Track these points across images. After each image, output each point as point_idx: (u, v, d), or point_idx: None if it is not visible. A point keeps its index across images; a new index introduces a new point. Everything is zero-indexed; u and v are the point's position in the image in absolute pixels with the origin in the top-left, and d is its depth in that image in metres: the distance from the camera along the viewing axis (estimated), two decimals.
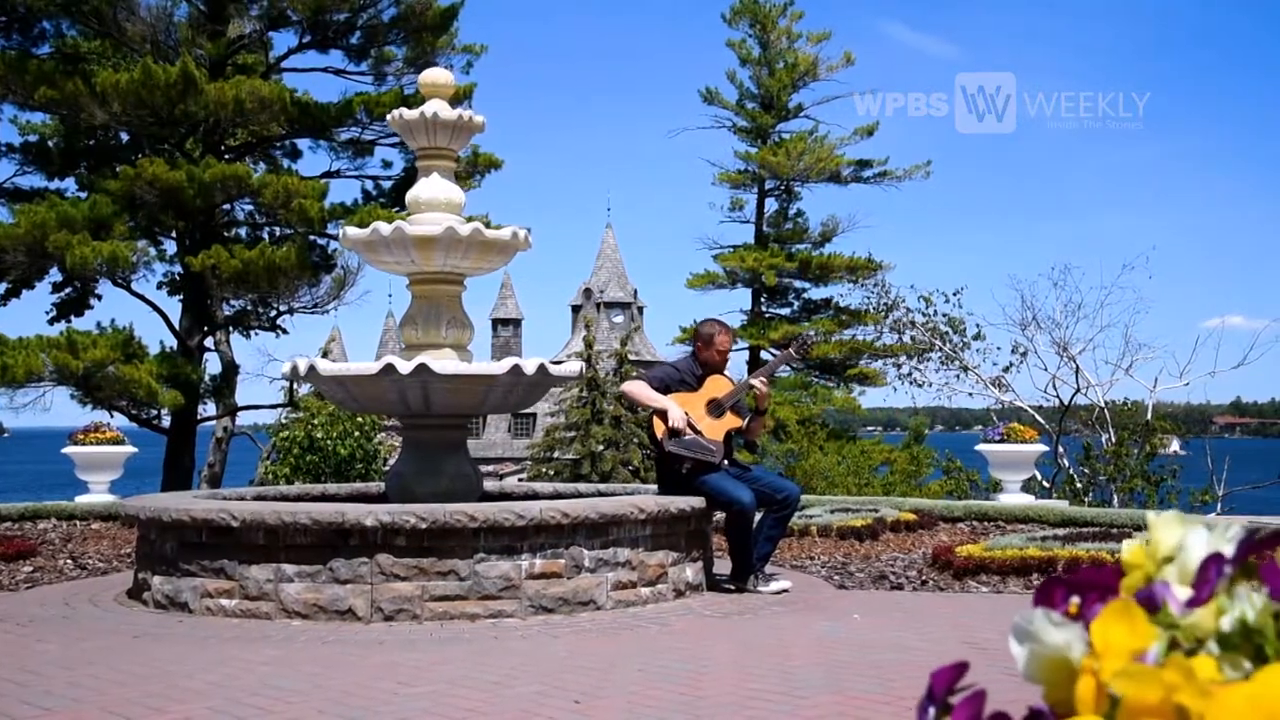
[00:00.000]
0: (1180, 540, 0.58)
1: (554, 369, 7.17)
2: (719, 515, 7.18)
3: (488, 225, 7.77)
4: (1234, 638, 0.55)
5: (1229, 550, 0.55)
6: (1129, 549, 0.62)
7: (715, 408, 6.91)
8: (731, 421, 6.94)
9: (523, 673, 4.71)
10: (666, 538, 6.62)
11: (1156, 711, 0.48)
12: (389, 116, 7.68)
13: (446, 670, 4.77)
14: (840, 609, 6.38)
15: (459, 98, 20.64)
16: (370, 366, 6.86)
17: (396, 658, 5.04)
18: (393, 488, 7.40)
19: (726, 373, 7.25)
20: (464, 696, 4.29)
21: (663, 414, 6.76)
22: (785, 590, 6.78)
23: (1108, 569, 0.62)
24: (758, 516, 6.86)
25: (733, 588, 6.89)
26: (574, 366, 7.77)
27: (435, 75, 7.80)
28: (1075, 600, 0.62)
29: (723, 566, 7.25)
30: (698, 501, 6.75)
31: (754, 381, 7.06)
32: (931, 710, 0.65)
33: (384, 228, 7.11)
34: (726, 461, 6.94)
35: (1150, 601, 0.62)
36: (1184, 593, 0.56)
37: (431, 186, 7.51)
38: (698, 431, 6.78)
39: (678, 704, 4.16)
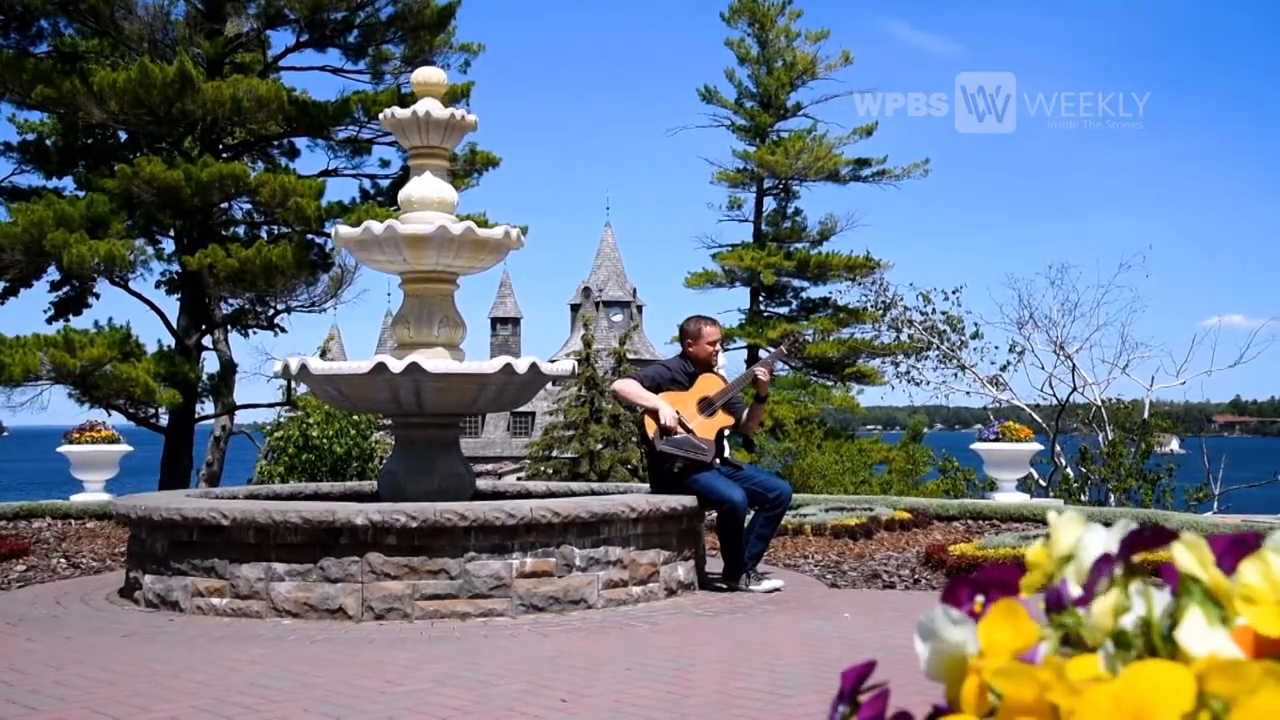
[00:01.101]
0: (1078, 540, 0.58)
1: (546, 367, 7.18)
2: (711, 514, 7.19)
3: (482, 224, 7.76)
4: (1129, 636, 0.56)
5: (1115, 549, 0.55)
6: (1033, 549, 0.62)
7: (706, 406, 6.91)
8: (723, 420, 6.94)
9: (510, 671, 4.72)
10: (658, 536, 6.62)
11: (1033, 710, 0.48)
12: (382, 115, 7.67)
13: (435, 669, 4.77)
14: (831, 608, 6.39)
15: (457, 96, 20.68)
16: (362, 365, 6.86)
17: (385, 656, 5.04)
18: (385, 486, 7.40)
19: (719, 371, 7.25)
20: (450, 695, 4.29)
21: (654, 413, 6.77)
22: (777, 589, 6.78)
23: (1013, 568, 0.62)
24: (750, 515, 6.86)
25: (724, 586, 6.89)
26: (566, 365, 7.77)
27: (428, 74, 7.79)
28: (980, 599, 0.62)
29: (715, 565, 7.26)
30: (689, 500, 6.75)
31: (758, 371, 7.08)
32: (842, 708, 0.66)
33: (375, 226, 7.11)
34: (718, 460, 6.94)
35: (1058, 600, 0.63)
36: (1080, 592, 0.57)
37: (424, 185, 7.51)
38: (689, 430, 6.79)
39: (664, 703, 4.16)
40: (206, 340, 21.77)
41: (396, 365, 6.72)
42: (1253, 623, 0.50)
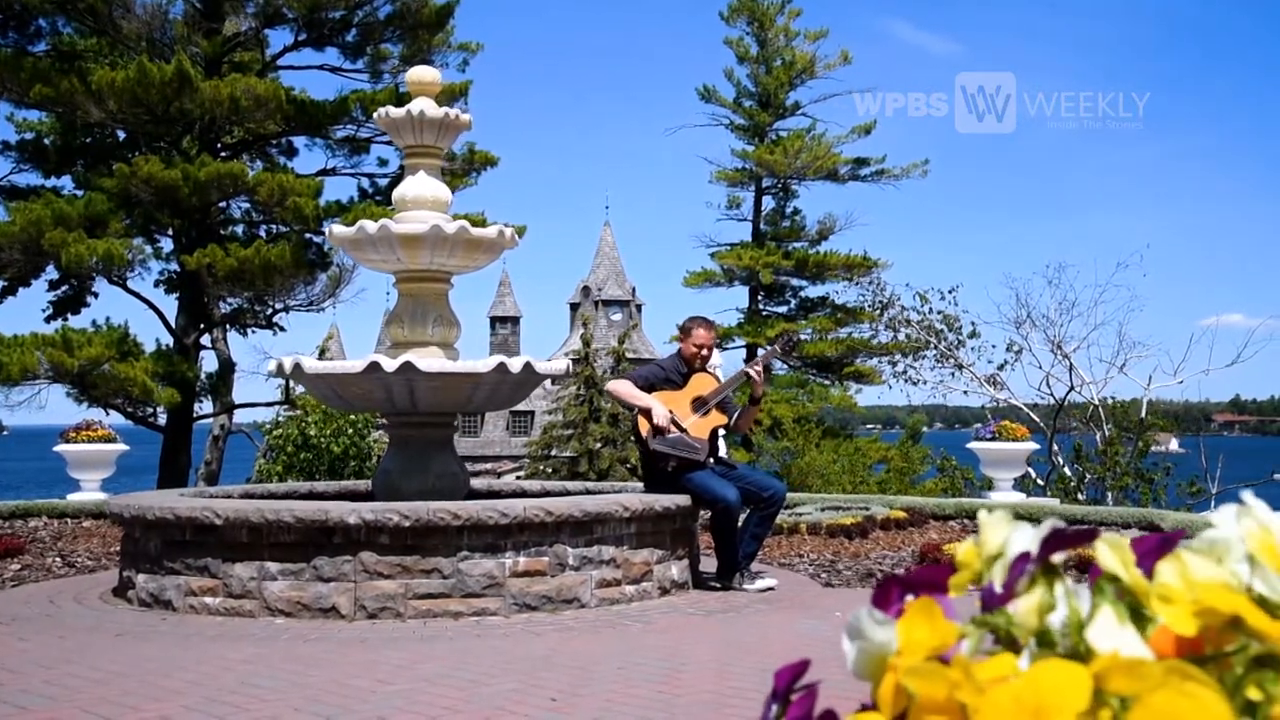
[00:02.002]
0: (1005, 539, 0.58)
1: (540, 366, 7.17)
2: (706, 513, 7.19)
3: (479, 223, 7.76)
4: (1052, 635, 0.56)
5: (1035, 548, 0.55)
6: (962, 548, 0.62)
7: (700, 405, 6.91)
8: (716, 419, 6.94)
9: (502, 671, 4.72)
10: (651, 536, 6.62)
11: (944, 708, 0.48)
12: (376, 114, 7.67)
13: (426, 668, 4.77)
14: (824, 607, 6.38)
15: (455, 95, 20.69)
16: (355, 365, 6.85)
17: (377, 656, 5.04)
18: (379, 485, 7.40)
19: (714, 371, 7.26)
20: (441, 694, 4.29)
21: (647, 412, 6.77)
22: (771, 588, 6.78)
23: (943, 567, 0.62)
24: (744, 514, 6.86)
25: (718, 586, 6.89)
26: (560, 364, 7.77)
27: (422, 73, 7.79)
28: (910, 598, 0.62)
29: (709, 564, 7.26)
30: (683, 499, 6.75)
31: (749, 370, 7.08)
32: (774, 707, 0.66)
33: (369, 226, 7.11)
34: (712, 459, 6.95)
35: (990, 599, 0.63)
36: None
37: (418, 184, 7.51)
38: (682, 430, 6.79)
39: (656, 702, 4.16)
40: (205, 339, 21.79)
41: (390, 364, 6.71)
42: (1168, 622, 0.51)
